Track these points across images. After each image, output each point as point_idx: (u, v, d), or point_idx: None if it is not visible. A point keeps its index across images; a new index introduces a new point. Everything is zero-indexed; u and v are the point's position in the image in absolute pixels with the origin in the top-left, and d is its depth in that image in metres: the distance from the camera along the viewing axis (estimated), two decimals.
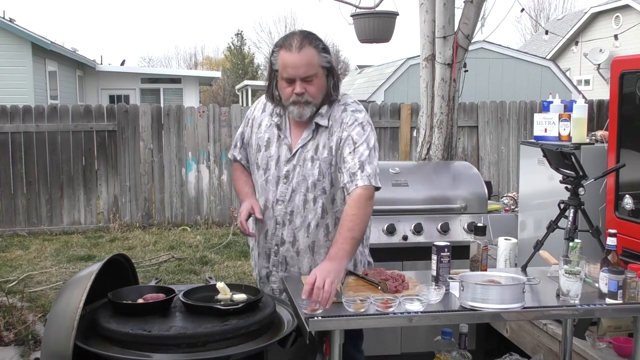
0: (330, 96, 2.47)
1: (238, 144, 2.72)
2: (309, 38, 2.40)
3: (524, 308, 2.11)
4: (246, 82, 24.85)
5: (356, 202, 2.33)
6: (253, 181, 2.64)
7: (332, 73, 2.46)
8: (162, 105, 10.10)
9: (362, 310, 2.06)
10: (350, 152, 2.40)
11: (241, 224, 2.49)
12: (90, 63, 17.62)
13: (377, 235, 3.73)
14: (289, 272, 2.54)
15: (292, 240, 2.51)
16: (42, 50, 13.82)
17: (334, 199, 2.50)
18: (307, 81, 2.38)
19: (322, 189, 2.48)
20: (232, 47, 38.10)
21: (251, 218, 2.53)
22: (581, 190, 2.54)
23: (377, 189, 2.42)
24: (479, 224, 2.63)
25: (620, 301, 2.16)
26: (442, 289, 2.20)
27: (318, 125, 2.48)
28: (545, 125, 3.53)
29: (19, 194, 8.14)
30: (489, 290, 2.10)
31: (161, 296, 2.18)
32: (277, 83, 2.46)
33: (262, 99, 2.67)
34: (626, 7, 17.70)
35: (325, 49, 2.43)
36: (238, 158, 2.72)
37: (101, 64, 19.34)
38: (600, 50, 17.18)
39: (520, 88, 13.85)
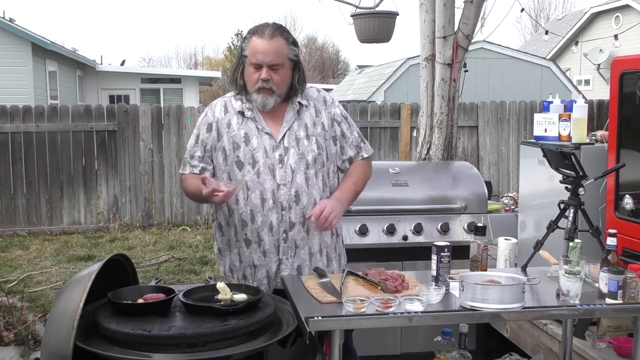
0: (296, 90, 2.57)
1: (197, 154, 2.59)
2: (280, 29, 2.51)
3: (524, 308, 2.11)
4: None
5: (363, 165, 2.71)
6: (231, 181, 2.52)
7: (299, 67, 2.57)
8: (162, 105, 10.10)
9: (362, 310, 2.06)
10: (347, 128, 2.68)
11: (222, 193, 2.34)
12: (90, 63, 17.62)
13: (377, 235, 3.73)
14: (299, 255, 2.55)
15: (302, 220, 2.54)
16: (42, 50, 13.82)
17: (328, 172, 2.63)
18: (274, 69, 2.47)
19: (322, 163, 2.58)
20: (232, 47, 38.08)
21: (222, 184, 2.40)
22: (581, 190, 2.54)
23: None
24: (479, 224, 2.64)
25: (620, 301, 2.15)
26: (442, 289, 2.20)
27: (300, 105, 2.58)
28: (545, 125, 3.53)
29: (19, 194, 8.15)
30: (489, 290, 2.10)
31: (161, 296, 2.18)
32: (244, 69, 2.53)
33: (217, 102, 2.67)
34: (626, 7, 17.69)
35: (294, 43, 2.56)
36: (199, 168, 2.58)
37: (101, 64, 19.34)
38: (600, 50, 17.17)
39: (520, 88, 13.85)
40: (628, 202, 3.03)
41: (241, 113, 2.57)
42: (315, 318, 2.01)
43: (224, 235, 2.64)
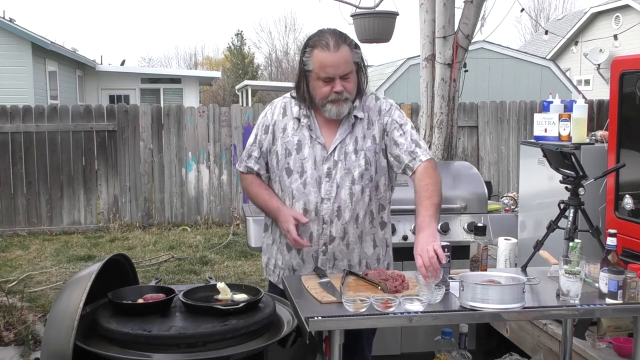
0: (361, 91, 2.53)
1: (254, 154, 2.61)
2: (342, 36, 2.44)
3: (524, 308, 2.11)
4: (246, 82, 24.83)
5: (425, 173, 2.47)
6: (278, 189, 2.57)
7: (362, 68, 2.52)
8: (162, 105, 10.10)
9: (362, 310, 2.06)
10: (401, 134, 2.51)
11: (296, 241, 2.44)
12: (90, 63, 17.62)
13: None
14: (337, 266, 2.54)
15: (343, 234, 2.52)
16: (42, 50, 13.82)
17: (377, 186, 2.56)
18: (345, 79, 2.42)
19: (370, 178, 2.52)
20: (232, 47, 38.07)
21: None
22: (581, 190, 2.54)
23: None
24: (479, 224, 2.63)
25: (620, 301, 2.15)
26: (442, 288, 2.19)
27: (356, 118, 2.52)
28: (545, 125, 3.53)
29: (19, 194, 8.15)
30: (489, 290, 2.10)
31: (161, 296, 2.18)
32: (309, 83, 2.46)
33: (278, 103, 2.63)
34: (626, 7, 17.69)
35: (356, 46, 2.48)
36: (255, 169, 2.62)
37: (101, 64, 19.35)
38: (600, 50, 17.18)
39: (520, 88, 13.84)
40: (628, 202, 3.03)
41: (297, 119, 2.53)
42: (315, 318, 2.01)
43: (270, 233, 2.67)
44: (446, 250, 2.33)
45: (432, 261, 2.17)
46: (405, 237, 3.74)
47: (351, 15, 5.47)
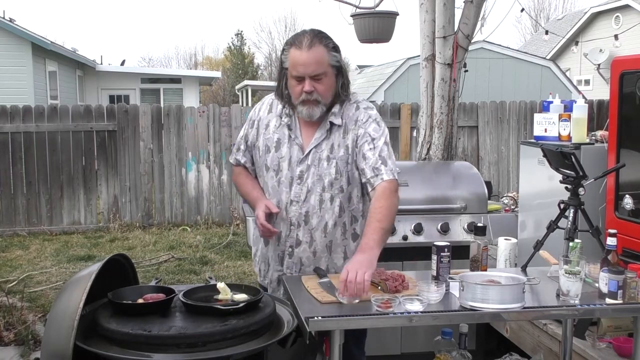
0: (340, 96, 2.48)
1: (241, 147, 2.67)
2: (319, 36, 2.42)
3: (524, 308, 2.11)
4: (246, 82, 24.85)
5: (383, 194, 2.39)
6: (262, 183, 2.61)
7: (342, 72, 2.47)
8: (162, 105, 10.09)
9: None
10: (370, 148, 2.44)
11: (262, 226, 2.44)
12: (90, 63, 17.62)
13: None
14: (304, 272, 2.52)
15: (309, 240, 2.50)
16: (42, 50, 13.82)
17: (350, 197, 2.52)
18: (316, 79, 2.39)
19: (340, 188, 2.48)
20: (232, 47, 38.08)
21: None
22: (581, 190, 2.54)
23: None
24: (479, 224, 2.63)
25: (620, 301, 2.15)
26: (442, 287, 2.19)
27: (332, 124, 2.49)
28: (545, 125, 3.53)
29: (19, 194, 8.15)
30: (489, 290, 2.10)
31: (161, 296, 2.18)
32: (287, 81, 2.46)
33: (267, 99, 2.65)
34: (626, 7, 17.69)
35: (335, 48, 2.44)
36: (242, 161, 2.68)
37: (101, 64, 19.35)
38: (600, 50, 17.17)
39: (520, 88, 13.84)
40: (628, 202, 3.03)
41: (280, 117, 2.54)
42: (315, 318, 2.01)
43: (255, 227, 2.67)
44: (446, 250, 2.34)
45: (357, 287, 2.10)
46: (405, 237, 3.74)
47: (351, 15, 5.48)
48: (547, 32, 12.25)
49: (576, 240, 2.47)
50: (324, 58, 2.39)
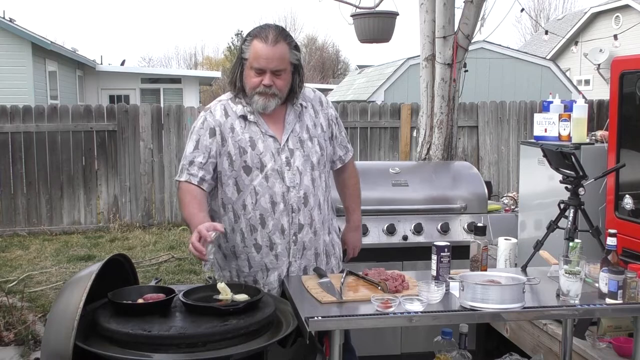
0: (295, 93, 2.57)
1: (197, 160, 2.49)
2: (283, 34, 2.48)
3: (524, 308, 2.11)
4: None
5: (354, 170, 2.83)
6: (240, 188, 2.50)
7: (299, 71, 2.55)
8: (162, 105, 10.10)
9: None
10: (338, 128, 2.74)
11: (195, 247, 2.19)
12: (90, 63, 17.62)
13: (377, 235, 3.73)
14: (306, 256, 2.56)
15: (310, 221, 2.55)
16: (42, 50, 13.82)
17: (329, 173, 2.72)
18: (277, 75, 2.46)
19: (324, 164, 2.63)
20: (232, 47, 38.07)
21: (210, 247, 2.26)
22: (581, 190, 2.54)
23: None
24: (479, 224, 2.64)
25: (620, 301, 2.16)
26: (442, 287, 2.19)
27: (302, 106, 2.60)
28: (545, 125, 3.53)
29: (19, 194, 8.14)
30: (489, 290, 2.10)
31: (161, 296, 2.18)
32: (243, 72, 2.50)
33: (214, 106, 2.59)
34: (626, 7, 17.69)
35: (296, 47, 2.53)
36: (200, 175, 2.49)
37: (101, 64, 19.34)
38: (600, 50, 17.17)
39: (520, 88, 13.85)
40: (628, 202, 3.03)
41: (243, 117, 2.53)
42: (315, 318, 2.01)
43: (228, 242, 2.56)
44: (446, 250, 2.34)
45: (355, 252, 2.82)
46: (405, 237, 3.74)
47: (351, 15, 5.47)
48: (547, 32, 12.25)
49: (576, 240, 2.47)
50: (286, 55, 2.46)
